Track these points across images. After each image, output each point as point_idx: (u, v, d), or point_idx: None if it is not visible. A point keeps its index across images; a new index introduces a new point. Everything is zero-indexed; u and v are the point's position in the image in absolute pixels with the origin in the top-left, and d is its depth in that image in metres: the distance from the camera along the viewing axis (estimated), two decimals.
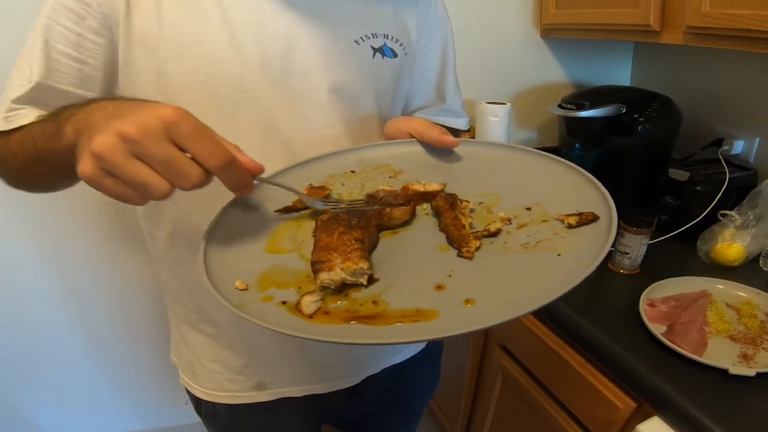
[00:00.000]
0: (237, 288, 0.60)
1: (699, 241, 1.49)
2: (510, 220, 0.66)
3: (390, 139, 0.86)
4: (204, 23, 0.80)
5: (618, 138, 1.70)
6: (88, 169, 0.52)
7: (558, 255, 0.58)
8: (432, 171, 0.79)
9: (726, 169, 1.53)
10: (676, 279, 1.31)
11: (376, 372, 1.06)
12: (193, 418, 1.09)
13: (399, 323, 0.53)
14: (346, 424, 1.23)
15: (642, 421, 1.04)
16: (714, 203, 1.49)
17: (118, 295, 1.91)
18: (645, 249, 1.36)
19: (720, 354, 1.08)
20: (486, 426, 1.74)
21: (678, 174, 1.55)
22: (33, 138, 0.72)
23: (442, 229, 0.67)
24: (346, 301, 0.57)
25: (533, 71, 2.05)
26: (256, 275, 0.62)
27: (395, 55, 0.96)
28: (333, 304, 0.57)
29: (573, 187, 0.67)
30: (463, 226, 0.65)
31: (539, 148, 1.99)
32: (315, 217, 0.71)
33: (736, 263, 1.41)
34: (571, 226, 0.62)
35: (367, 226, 0.66)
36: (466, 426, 1.91)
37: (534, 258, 0.59)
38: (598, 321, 1.20)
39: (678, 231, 1.51)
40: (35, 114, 0.75)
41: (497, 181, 0.74)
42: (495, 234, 0.64)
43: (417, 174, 0.78)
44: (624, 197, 1.74)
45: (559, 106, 1.77)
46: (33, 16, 0.77)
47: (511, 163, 0.76)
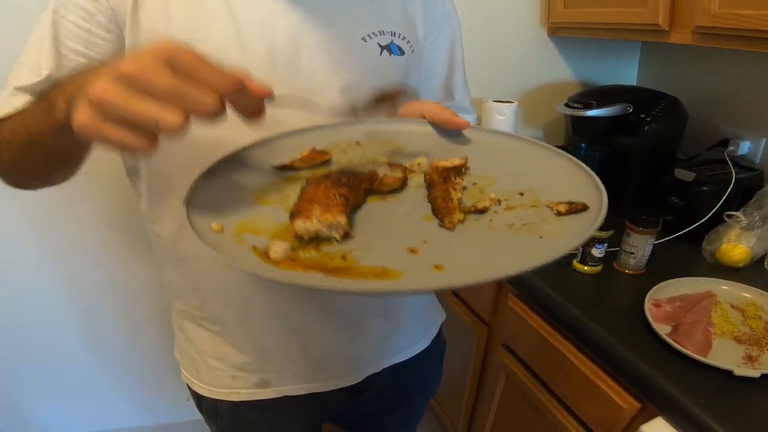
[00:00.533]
0: (213, 229, 0.60)
1: (704, 242, 1.48)
2: (500, 201, 0.66)
3: None
4: (211, 20, 0.80)
5: (624, 137, 1.70)
6: (85, 118, 0.49)
7: (540, 237, 0.58)
8: (435, 150, 0.79)
9: (732, 170, 1.53)
10: (681, 279, 1.31)
11: (378, 370, 1.05)
12: (195, 414, 1.09)
13: (361, 278, 0.52)
14: (347, 422, 1.23)
15: (646, 422, 1.04)
16: (720, 204, 1.48)
17: (121, 293, 1.91)
18: (650, 249, 1.35)
19: (724, 355, 1.08)
20: (487, 426, 1.73)
21: (684, 174, 1.54)
22: (25, 123, 0.71)
23: (430, 201, 0.67)
24: (316, 253, 0.57)
25: (540, 70, 2.04)
26: (236, 220, 0.63)
27: (402, 53, 0.96)
28: (303, 253, 0.56)
29: (570, 179, 0.67)
30: (451, 199, 0.65)
31: None
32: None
33: (741, 264, 1.41)
34: (560, 213, 0.61)
35: (356, 186, 0.66)
36: (467, 425, 1.91)
37: (515, 238, 0.59)
38: (602, 320, 1.19)
39: (683, 231, 1.51)
40: (25, 99, 0.74)
41: (496, 166, 0.74)
42: (482, 211, 0.64)
43: (419, 150, 0.79)
44: (629, 197, 1.74)
45: (566, 105, 1.77)
46: (33, 14, 0.77)
47: (514, 152, 0.76)
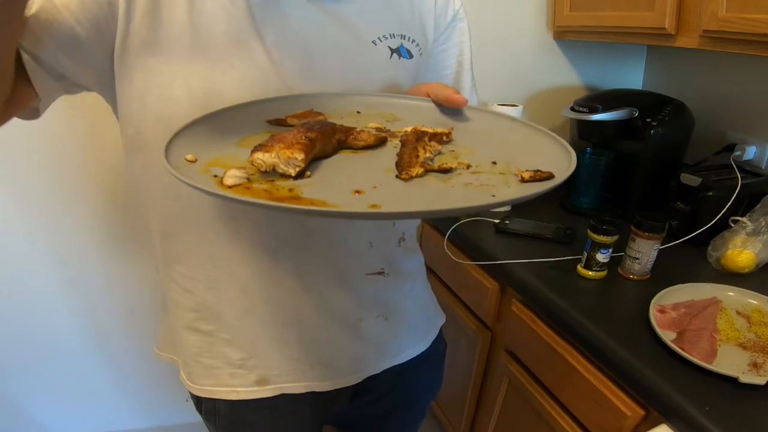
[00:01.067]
0: (186, 159, 0.62)
1: (710, 247, 1.48)
2: (469, 166, 0.67)
3: None
4: (228, 15, 0.80)
5: (630, 142, 1.69)
6: None
7: (492, 195, 0.59)
8: (428, 123, 0.80)
9: (738, 175, 1.52)
10: (686, 285, 1.30)
11: (377, 372, 1.05)
12: (195, 417, 1.08)
13: (296, 204, 0.54)
14: (348, 425, 1.22)
15: (650, 429, 1.03)
16: (725, 209, 1.47)
17: (120, 292, 1.91)
18: (656, 254, 1.34)
19: (730, 362, 1.06)
20: (490, 431, 1.72)
21: (690, 179, 1.54)
22: None
23: (398, 156, 0.68)
24: (267, 185, 0.58)
25: (546, 73, 2.04)
26: (211, 156, 0.64)
27: (411, 56, 0.96)
28: (256, 185, 0.58)
29: (550, 155, 0.67)
30: (417, 156, 0.66)
31: None
32: None
33: (746, 270, 1.40)
34: (524, 180, 0.61)
35: (328, 134, 0.67)
36: (469, 430, 1.90)
37: (464, 193, 0.60)
38: (607, 326, 1.19)
39: (689, 237, 1.50)
40: None
41: (482, 141, 0.75)
42: (446, 171, 0.65)
43: (414, 123, 0.80)
44: (635, 201, 1.74)
45: (572, 108, 1.76)
46: None
47: (507, 130, 0.77)
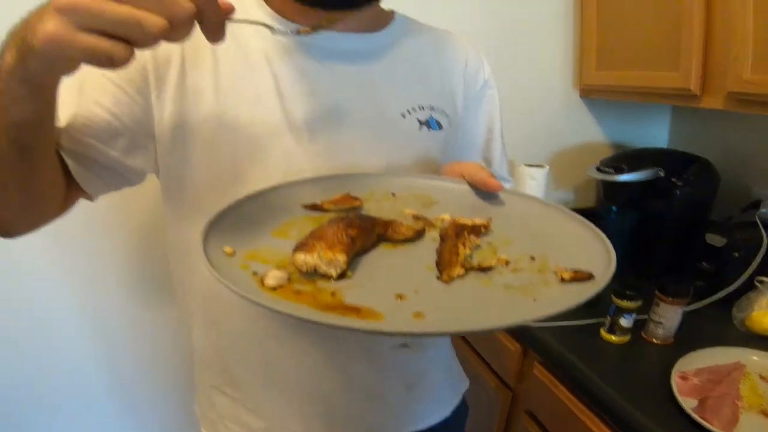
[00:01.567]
0: (224, 251, 0.62)
1: (734, 309, 1.47)
2: (508, 262, 0.66)
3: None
4: (257, 91, 0.83)
5: (655, 201, 1.71)
6: (52, 27, 0.46)
7: (534, 300, 0.58)
8: (464, 209, 0.80)
9: (763, 234, 1.51)
10: (709, 350, 1.30)
11: None
12: None
13: (341, 315, 0.53)
14: None
15: None
16: (751, 269, 1.47)
17: (143, 337, 1.90)
18: (680, 318, 1.35)
19: (751, 431, 1.07)
20: None
21: (715, 239, 1.55)
22: None
23: (437, 253, 0.68)
24: (309, 287, 0.58)
25: (572, 131, 2.07)
26: (249, 248, 0.64)
27: (440, 127, 0.97)
28: (297, 285, 0.58)
29: (588, 248, 0.66)
30: (457, 254, 0.66)
31: (575, 209, 1.99)
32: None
33: None
34: (564, 280, 0.60)
35: (369, 230, 0.68)
36: None
37: (506, 297, 0.59)
38: (628, 392, 1.19)
39: (714, 298, 1.51)
40: None
41: (519, 230, 0.75)
42: (485, 270, 0.64)
43: (449, 207, 0.81)
44: (660, 262, 1.74)
45: (597, 169, 1.78)
46: None
47: (541, 217, 0.77)
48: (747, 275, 1.48)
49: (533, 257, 0.67)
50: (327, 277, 0.59)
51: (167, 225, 0.95)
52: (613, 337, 1.37)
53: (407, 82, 0.95)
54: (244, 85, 0.83)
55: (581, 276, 0.60)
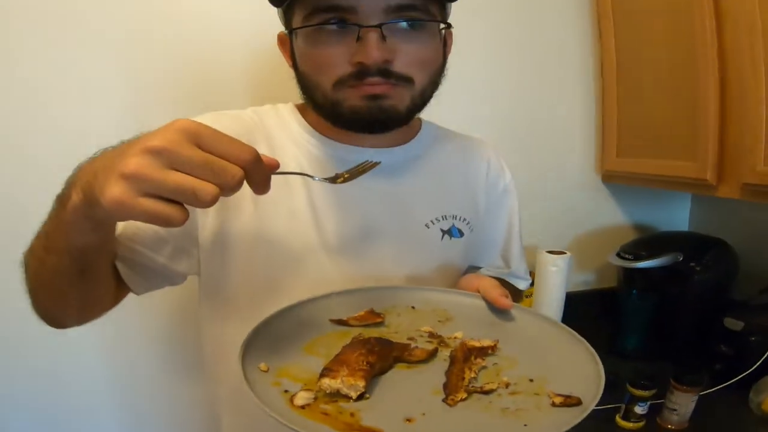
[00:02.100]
0: (260, 368, 0.68)
1: (751, 392, 1.48)
2: (508, 385, 0.71)
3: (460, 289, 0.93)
4: (292, 206, 0.90)
5: (674, 285, 1.74)
6: (118, 192, 0.50)
7: (524, 425, 0.62)
8: (478, 324, 0.86)
9: None
10: None
11: None
12: None
13: None
14: None
15: None
16: None
17: (172, 415, 1.84)
18: (694, 405, 1.38)
19: None
20: None
21: (733, 323, 1.57)
22: (43, 234, 0.72)
23: (446, 375, 0.72)
24: (332, 406, 0.63)
25: (594, 215, 2.12)
26: (281, 365, 0.70)
27: (462, 235, 1.03)
28: (322, 405, 0.63)
29: (583, 372, 0.71)
30: (463, 378, 0.70)
31: (597, 290, 2.01)
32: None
33: None
34: (555, 404, 0.65)
35: (386, 355, 0.73)
36: None
37: (502, 423, 0.64)
38: None
39: (731, 382, 1.53)
40: None
41: (525, 349, 0.79)
42: (487, 393, 0.69)
43: (464, 323, 0.86)
44: (678, 345, 1.77)
45: (618, 255, 1.83)
46: None
47: (548, 338, 0.81)
48: (764, 358, 1.49)
49: (532, 379, 0.72)
50: (348, 398, 0.65)
51: (203, 319, 1.01)
52: (628, 424, 1.40)
53: (432, 193, 1.01)
54: (280, 199, 0.90)
55: (571, 401, 0.65)
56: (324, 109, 0.89)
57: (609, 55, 1.93)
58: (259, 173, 0.58)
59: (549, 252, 1.76)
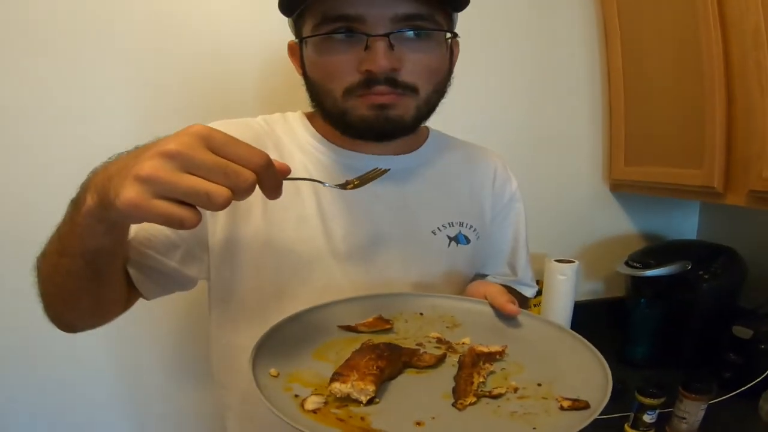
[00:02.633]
0: (270, 373, 0.68)
1: (761, 400, 1.47)
2: (516, 389, 0.71)
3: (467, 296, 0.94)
4: (301, 212, 0.91)
5: (683, 294, 1.74)
6: (132, 195, 0.51)
7: (533, 429, 0.62)
8: (485, 331, 0.86)
9: None
10: None
11: None
12: None
13: None
14: None
15: None
16: None
17: (179, 422, 1.82)
18: (703, 413, 1.38)
19: None
20: None
21: (742, 332, 1.57)
22: (56, 238, 0.73)
23: (455, 380, 0.72)
24: (342, 411, 0.64)
25: (602, 224, 2.12)
26: (291, 370, 0.71)
27: (468, 242, 1.04)
28: (333, 409, 0.64)
29: (591, 376, 0.71)
30: (472, 383, 0.71)
31: (606, 299, 2.00)
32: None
33: None
34: (563, 408, 0.65)
35: (395, 360, 0.73)
36: None
37: (510, 426, 0.64)
38: None
39: (740, 390, 1.53)
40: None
41: (532, 355, 0.80)
42: (496, 397, 0.69)
43: (471, 329, 0.87)
44: (687, 353, 1.77)
45: (626, 263, 1.83)
46: None
47: (555, 343, 0.81)
48: None
49: (540, 384, 0.73)
50: (358, 402, 0.65)
51: (212, 324, 1.01)
52: None
53: (438, 200, 1.02)
54: (290, 205, 0.91)
55: (579, 405, 0.65)
56: (333, 117, 0.91)
57: (616, 65, 1.94)
58: (271, 178, 0.59)
59: (557, 261, 1.76)
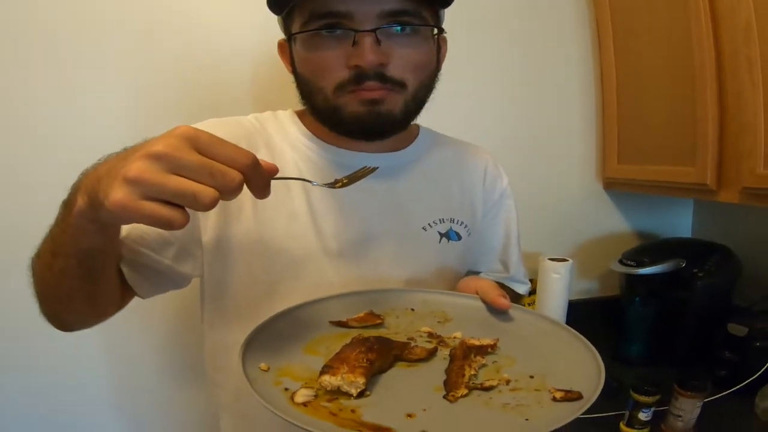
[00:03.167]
0: (260, 368, 0.68)
1: (757, 398, 1.48)
2: (509, 381, 0.71)
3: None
4: (292, 209, 0.91)
5: (677, 292, 1.74)
6: (121, 196, 0.51)
7: (525, 420, 0.62)
8: (476, 325, 0.86)
9: None
10: None
11: None
12: None
13: (358, 430, 0.59)
14: None
15: None
16: None
17: (172, 419, 1.82)
18: (699, 411, 1.37)
19: None
20: None
21: (736, 329, 1.57)
22: (49, 238, 0.74)
23: (446, 373, 0.72)
24: (333, 404, 0.63)
25: (596, 222, 2.12)
26: (282, 365, 0.71)
27: (459, 238, 1.04)
28: (323, 402, 0.64)
29: (582, 368, 0.71)
30: (463, 375, 0.70)
31: (600, 298, 2.00)
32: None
33: None
34: (555, 399, 0.65)
35: (386, 353, 0.73)
36: None
37: (502, 417, 0.64)
38: None
39: (735, 388, 1.53)
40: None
41: (524, 348, 0.80)
42: (487, 389, 0.69)
43: (463, 324, 0.87)
44: (682, 351, 1.77)
45: (620, 261, 1.83)
46: None
47: (547, 336, 0.81)
48: None
49: (532, 376, 0.72)
50: (348, 395, 0.65)
51: (204, 322, 1.02)
52: (632, 431, 1.39)
53: (429, 196, 1.03)
54: (280, 203, 0.92)
55: (572, 396, 0.65)
56: (324, 114, 0.91)
57: (608, 63, 1.95)
58: (258, 177, 0.59)
59: (551, 259, 1.76)
